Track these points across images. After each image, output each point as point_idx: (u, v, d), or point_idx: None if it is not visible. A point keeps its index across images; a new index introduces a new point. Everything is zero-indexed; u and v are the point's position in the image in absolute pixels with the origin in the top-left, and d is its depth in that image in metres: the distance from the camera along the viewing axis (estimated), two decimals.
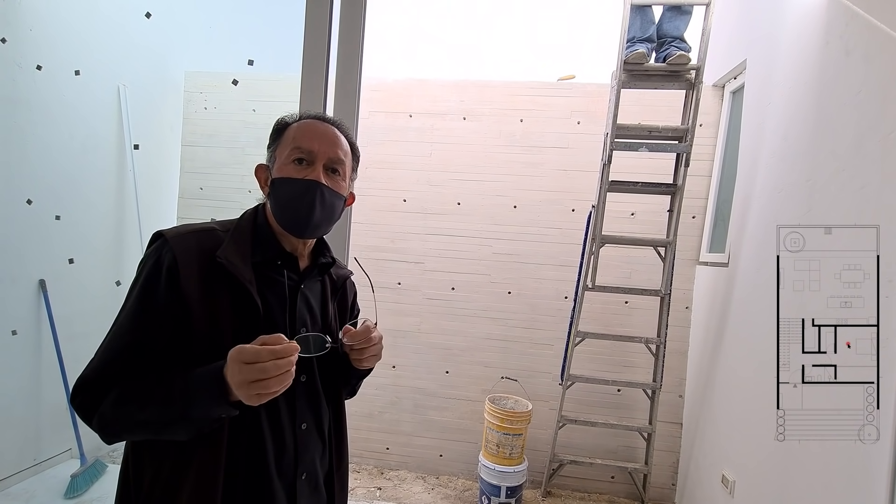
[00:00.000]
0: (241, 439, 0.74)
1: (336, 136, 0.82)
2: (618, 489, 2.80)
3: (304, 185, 0.77)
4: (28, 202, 2.16)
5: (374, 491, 2.72)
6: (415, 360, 2.94)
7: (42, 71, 2.18)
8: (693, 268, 2.75)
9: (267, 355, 0.62)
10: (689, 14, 2.31)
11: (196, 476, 0.70)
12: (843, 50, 1.50)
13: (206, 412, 0.66)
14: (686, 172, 2.37)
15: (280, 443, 0.78)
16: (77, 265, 2.37)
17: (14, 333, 2.19)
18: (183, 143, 2.91)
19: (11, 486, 2.23)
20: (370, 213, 2.94)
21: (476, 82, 2.89)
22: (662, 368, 2.51)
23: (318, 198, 0.78)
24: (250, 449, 0.75)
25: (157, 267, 0.73)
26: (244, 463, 0.74)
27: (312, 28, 1.36)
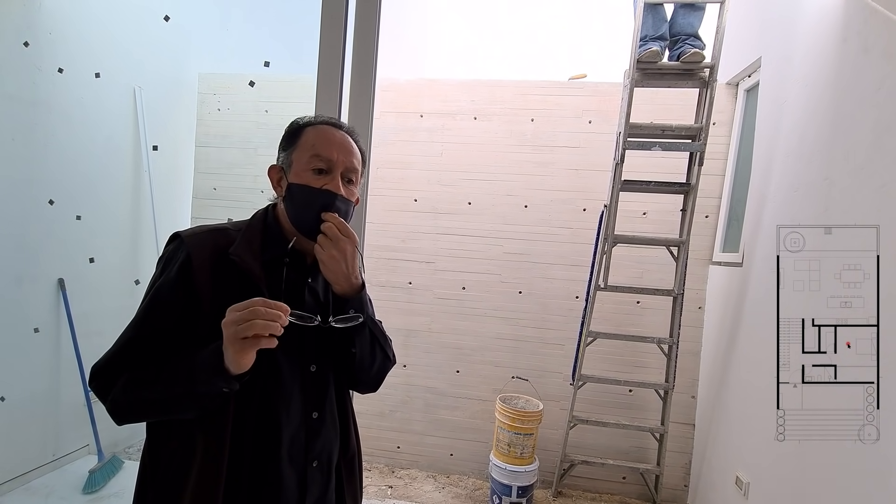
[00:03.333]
0: (248, 427, 0.77)
1: (351, 146, 0.86)
2: (629, 490, 2.78)
3: (323, 195, 0.81)
4: (50, 202, 2.21)
5: (386, 489, 2.73)
6: (426, 359, 2.95)
7: (60, 73, 2.23)
8: (706, 267, 2.73)
9: (259, 302, 0.67)
10: (703, 10, 2.28)
11: (200, 463, 0.74)
12: (862, 47, 1.48)
13: (208, 387, 0.70)
14: (700, 171, 2.35)
15: (290, 431, 0.81)
16: (95, 264, 2.42)
17: (36, 331, 2.24)
18: (197, 143, 2.95)
19: (32, 480, 2.28)
20: (381, 213, 2.95)
21: (487, 82, 2.89)
22: (675, 369, 2.49)
23: (335, 208, 0.81)
24: (258, 437, 0.78)
25: (172, 264, 0.78)
26: (251, 450, 0.77)
27: (328, 30, 1.37)
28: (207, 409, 0.73)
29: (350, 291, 0.82)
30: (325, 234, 0.78)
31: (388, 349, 0.92)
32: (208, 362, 0.70)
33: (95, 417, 2.39)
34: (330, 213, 0.79)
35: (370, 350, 0.87)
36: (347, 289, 0.82)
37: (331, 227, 0.78)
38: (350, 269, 0.80)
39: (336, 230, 0.78)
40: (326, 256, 0.78)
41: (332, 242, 0.78)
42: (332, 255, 0.78)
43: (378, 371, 0.92)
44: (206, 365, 0.70)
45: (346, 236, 0.79)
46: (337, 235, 0.78)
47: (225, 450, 0.75)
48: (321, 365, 0.86)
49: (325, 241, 0.78)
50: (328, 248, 0.78)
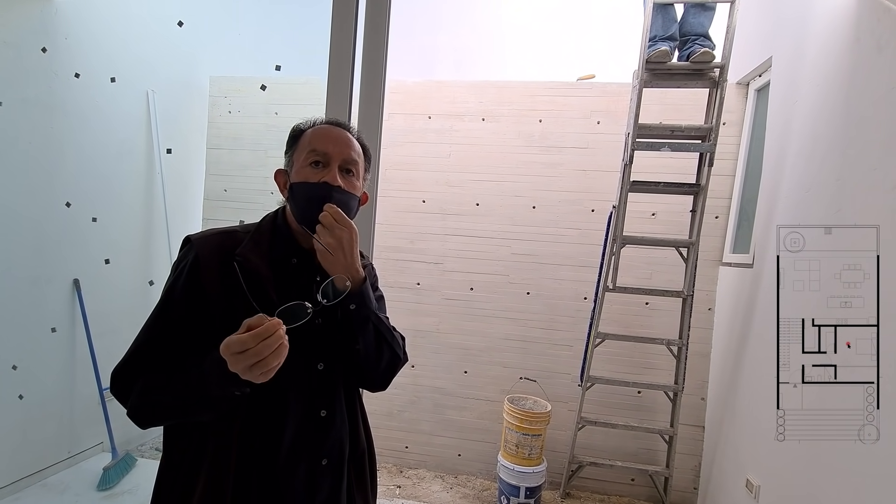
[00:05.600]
0: (257, 426, 0.78)
1: (348, 139, 0.87)
2: (638, 492, 2.77)
3: (320, 187, 0.82)
4: (67, 205, 2.25)
5: (394, 489, 2.74)
6: (434, 359, 2.96)
7: (77, 78, 2.27)
8: (715, 268, 2.71)
9: (252, 340, 0.64)
10: (714, 10, 2.27)
11: (211, 462, 0.76)
12: (875, 46, 1.47)
13: (220, 391, 0.71)
14: (710, 172, 2.33)
15: (299, 429, 0.81)
16: (110, 265, 2.46)
17: (53, 331, 2.28)
18: (208, 146, 2.99)
19: (48, 476, 2.32)
20: (390, 214, 2.97)
21: (495, 83, 2.90)
22: (685, 370, 2.48)
23: (332, 199, 0.81)
24: (267, 435, 0.79)
25: (183, 267, 0.80)
26: (260, 449, 0.78)
27: (338, 34, 1.38)
28: (222, 411, 0.75)
29: (350, 284, 0.82)
30: (321, 224, 0.79)
31: (396, 346, 0.91)
32: (220, 368, 0.69)
33: (109, 415, 2.43)
34: (328, 204, 0.80)
35: (375, 346, 0.87)
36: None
37: (326, 216, 0.78)
38: (349, 259, 0.80)
39: (331, 218, 0.78)
40: (323, 245, 0.79)
41: (328, 231, 0.78)
42: (328, 243, 0.78)
43: (386, 368, 0.91)
44: (218, 370, 0.70)
45: (343, 224, 0.79)
46: (332, 223, 0.78)
47: (234, 449, 0.76)
48: (329, 363, 0.86)
49: (321, 229, 0.79)
50: (324, 236, 0.78)
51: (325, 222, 0.79)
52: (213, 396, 0.72)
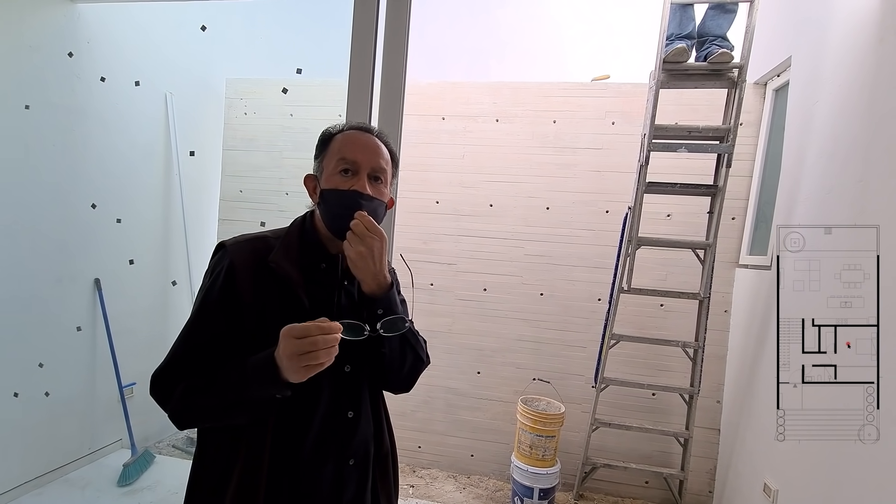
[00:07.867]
0: (288, 427, 0.80)
1: (378, 146, 0.88)
2: (652, 494, 2.76)
3: (350, 195, 0.83)
4: (93, 206, 2.30)
5: (407, 489, 2.76)
6: (447, 360, 2.97)
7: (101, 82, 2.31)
8: (732, 270, 2.69)
9: (315, 330, 0.68)
10: (734, 13, 2.24)
11: (243, 463, 0.77)
12: None
13: (260, 394, 0.73)
14: (728, 173, 2.31)
15: (327, 430, 0.83)
16: (132, 265, 2.51)
17: (79, 329, 2.33)
18: (224, 147, 3.03)
19: (70, 472, 2.37)
20: (403, 215, 2.98)
21: (509, 84, 2.90)
22: (700, 373, 2.46)
23: (362, 207, 0.83)
24: (296, 437, 0.81)
25: (218, 273, 0.82)
26: (290, 450, 0.80)
27: (359, 37, 1.40)
28: (259, 415, 0.76)
29: (378, 290, 0.83)
30: (352, 231, 0.80)
31: (419, 350, 0.93)
32: (262, 372, 0.72)
33: (129, 412, 2.48)
34: (359, 212, 0.81)
35: (400, 350, 0.88)
36: (375, 288, 0.83)
37: (357, 224, 0.80)
38: (378, 266, 0.81)
39: (363, 227, 0.80)
40: (354, 253, 0.80)
41: (358, 239, 0.80)
42: (359, 251, 0.79)
43: (409, 372, 0.92)
44: (259, 374, 0.72)
45: (373, 233, 0.80)
46: (363, 232, 0.79)
47: (266, 450, 0.78)
48: (355, 365, 0.88)
49: (352, 237, 0.80)
50: (356, 244, 0.80)
51: (356, 230, 0.80)
52: (252, 399, 0.74)
